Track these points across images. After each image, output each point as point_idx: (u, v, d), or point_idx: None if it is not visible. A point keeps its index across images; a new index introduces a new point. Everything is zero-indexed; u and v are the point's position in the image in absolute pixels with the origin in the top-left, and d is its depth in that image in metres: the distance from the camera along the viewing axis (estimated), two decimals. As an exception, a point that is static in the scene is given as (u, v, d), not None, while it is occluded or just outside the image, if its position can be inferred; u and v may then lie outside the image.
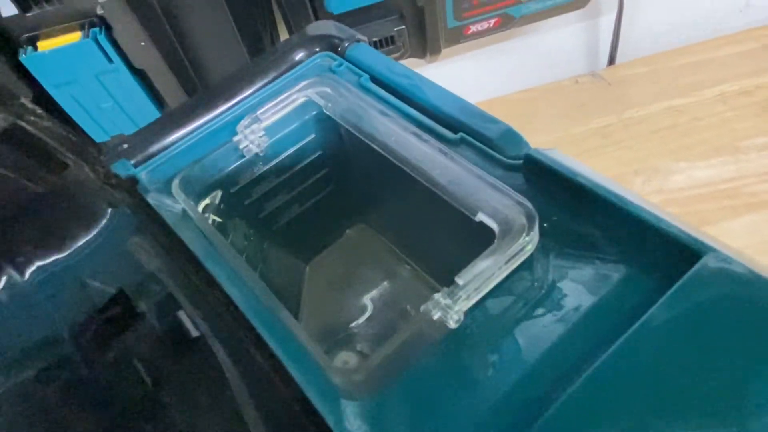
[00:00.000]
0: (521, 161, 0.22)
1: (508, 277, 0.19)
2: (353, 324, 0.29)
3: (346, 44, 0.29)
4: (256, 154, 0.26)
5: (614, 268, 0.19)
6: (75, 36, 0.41)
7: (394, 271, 0.31)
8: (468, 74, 0.63)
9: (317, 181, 0.30)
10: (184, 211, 0.24)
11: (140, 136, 0.27)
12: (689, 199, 0.52)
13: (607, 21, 0.62)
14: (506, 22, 0.53)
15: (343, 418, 0.18)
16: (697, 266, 0.17)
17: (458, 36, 0.52)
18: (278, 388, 0.18)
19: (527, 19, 0.53)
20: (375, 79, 0.27)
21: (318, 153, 0.29)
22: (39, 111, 0.21)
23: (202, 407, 0.17)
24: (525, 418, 0.16)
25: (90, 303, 0.16)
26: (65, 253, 0.20)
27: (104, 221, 0.23)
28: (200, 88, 0.45)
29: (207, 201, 0.26)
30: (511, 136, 0.23)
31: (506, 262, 0.19)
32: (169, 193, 0.25)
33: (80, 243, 0.20)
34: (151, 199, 0.24)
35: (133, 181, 0.24)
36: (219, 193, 0.26)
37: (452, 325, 0.18)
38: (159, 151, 0.26)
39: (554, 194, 0.21)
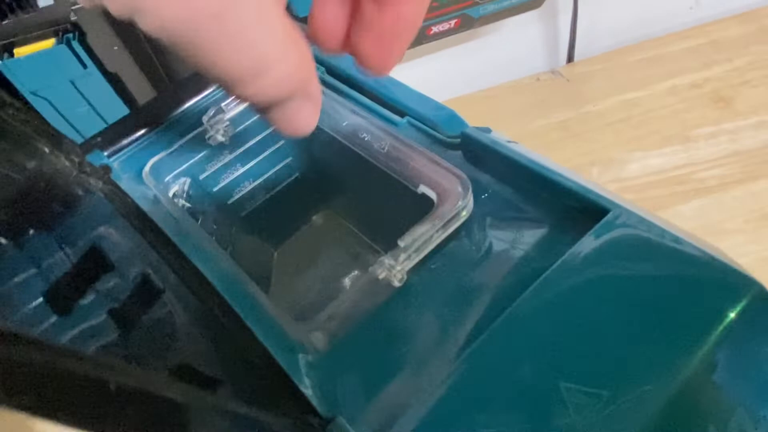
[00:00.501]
0: (459, 140, 0.24)
1: (448, 240, 0.22)
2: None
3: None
4: (222, 143, 0.28)
5: (538, 227, 0.21)
6: (49, 42, 0.43)
7: (357, 253, 0.33)
8: (433, 74, 0.65)
9: (282, 169, 0.32)
10: (155, 197, 0.26)
11: (113, 130, 0.29)
12: (643, 186, 0.55)
13: (565, 21, 0.65)
14: (466, 23, 0.56)
15: (300, 369, 0.20)
16: (602, 221, 0.19)
17: (420, 37, 0.55)
18: (243, 346, 0.20)
19: (486, 20, 0.56)
20: (331, 72, 0.29)
21: (281, 142, 0.31)
22: (17, 104, 0.23)
23: (168, 359, 0.19)
24: (457, 356, 0.18)
25: (66, 268, 0.18)
26: (43, 233, 0.22)
27: (80, 205, 0.24)
28: (169, 84, 0.47)
29: (176, 188, 0.28)
30: (452, 118, 0.25)
31: (443, 226, 0.21)
32: (141, 181, 0.27)
33: (57, 223, 0.22)
34: (124, 186, 0.26)
35: (107, 169, 0.26)
36: (188, 180, 0.28)
37: (396, 283, 0.21)
38: (131, 143, 0.28)
39: (487, 165, 0.23)
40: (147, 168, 0.26)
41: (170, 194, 0.27)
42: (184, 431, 0.10)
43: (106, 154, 0.28)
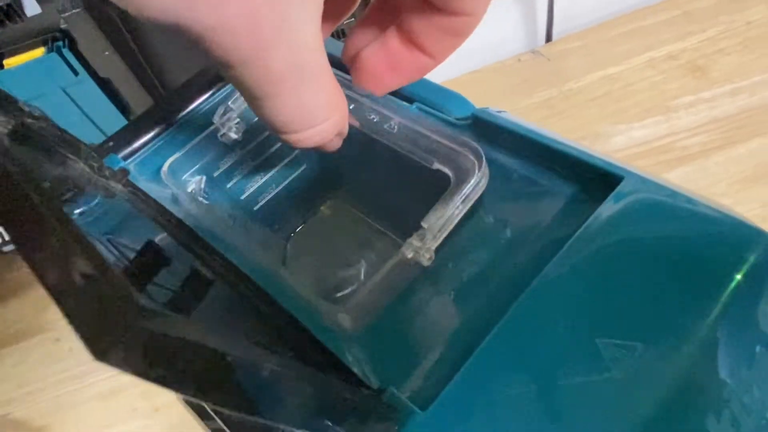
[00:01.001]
0: (469, 121, 0.25)
1: (470, 217, 0.23)
2: (338, 294, 0.32)
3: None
4: (235, 140, 0.29)
5: (555, 198, 0.22)
6: (39, 51, 0.42)
7: (368, 239, 0.34)
8: (417, 61, 0.66)
9: (291, 162, 0.33)
10: (173, 195, 0.27)
11: (124, 133, 0.29)
12: (629, 158, 0.57)
13: (542, 1, 0.66)
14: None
15: (344, 348, 0.21)
16: (618, 188, 0.20)
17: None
18: (284, 331, 0.21)
19: (467, 4, 0.57)
20: (334, 63, 0.30)
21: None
22: (37, 113, 0.24)
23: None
24: (493, 323, 0.19)
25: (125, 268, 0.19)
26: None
27: (105, 207, 0.25)
28: (167, 90, 0.47)
29: (193, 186, 0.29)
30: (458, 100, 0.26)
31: (463, 201, 0.22)
32: (158, 181, 0.27)
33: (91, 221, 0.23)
34: (142, 187, 0.27)
35: (124, 172, 0.27)
36: (203, 178, 0.29)
37: (425, 263, 0.22)
38: (144, 145, 0.29)
39: (499, 144, 0.24)
40: (165, 167, 0.27)
41: (189, 191, 0.28)
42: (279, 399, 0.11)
43: (120, 156, 0.28)
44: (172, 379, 0.09)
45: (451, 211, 0.22)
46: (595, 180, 0.21)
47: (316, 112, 0.18)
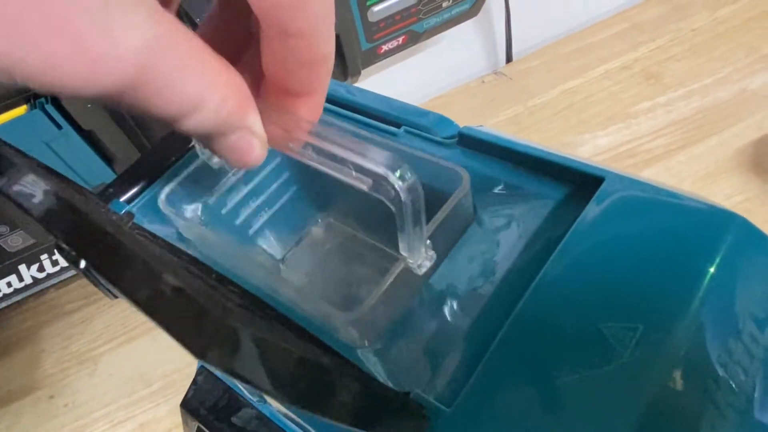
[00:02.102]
0: (456, 139, 0.27)
1: (465, 225, 0.24)
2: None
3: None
4: (222, 167, 0.30)
5: (542, 203, 0.24)
6: (22, 109, 0.43)
7: (362, 254, 0.35)
8: (388, 89, 0.69)
9: (281, 186, 0.34)
10: (178, 232, 0.28)
11: (123, 179, 0.30)
12: (598, 165, 0.60)
13: (499, 24, 0.70)
14: (413, 38, 0.59)
15: (362, 358, 0.22)
16: (601, 188, 0.22)
17: (373, 56, 0.58)
18: (304, 348, 0.22)
19: (430, 33, 0.60)
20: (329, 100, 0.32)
21: (278, 159, 0.33)
22: (45, 167, 0.25)
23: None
24: (500, 324, 0.21)
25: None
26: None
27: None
28: (150, 139, 0.48)
29: (190, 215, 0.30)
30: (443, 121, 0.28)
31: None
32: (162, 222, 0.28)
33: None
34: (148, 228, 0.28)
35: (130, 215, 0.28)
36: (200, 206, 0.30)
37: (419, 272, 0.23)
38: (144, 188, 0.30)
39: (486, 158, 0.26)
40: (162, 197, 0.27)
41: (186, 219, 0.29)
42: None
43: (123, 200, 0.29)
44: (258, 375, 0.10)
45: (435, 223, 0.23)
46: (578, 182, 0.23)
47: (192, 89, 0.17)
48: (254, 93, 0.20)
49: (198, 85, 0.18)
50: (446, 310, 0.23)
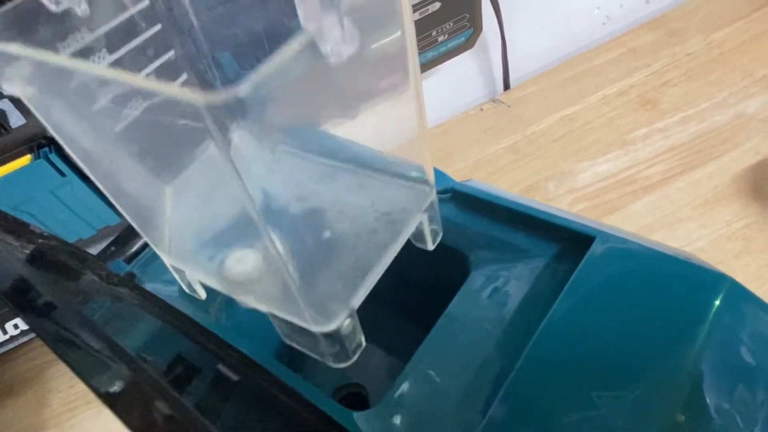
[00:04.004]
0: (449, 194, 0.27)
1: (459, 282, 0.25)
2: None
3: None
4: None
5: (536, 261, 0.24)
6: (26, 159, 0.44)
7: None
8: (388, 121, 0.69)
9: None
10: (180, 290, 0.28)
11: (122, 238, 0.31)
12: (596, 192, 0.60)
13: (495, 53, 0.71)
14: (409, 72, 0.60)
15: (359, 425, 0.22)
16: (592, 247, 0.23)
17: (372, 92, 0.58)
18: (300, 412, 0.22)
19: (427, 67, 0.60)
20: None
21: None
22: (46, 233, 0.25)
23: None
24: (499, 384, 0.21)
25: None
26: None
27: (116, 313, 0.26)
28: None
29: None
30: (437, 175, 0.29)
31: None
32: (163, 281, 0.29)
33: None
34: (149, 287, 0.28)
35: (132, 276, 0.28)
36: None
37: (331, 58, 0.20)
38: (144, 247, 0.30)
39: (479, 214, 0.26)
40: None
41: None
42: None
43: (123, 260, 0.30)
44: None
45: None
46: (569, 240, 0.24)
47: None
48: None
49: None
50: (448, 370, 0.23)
